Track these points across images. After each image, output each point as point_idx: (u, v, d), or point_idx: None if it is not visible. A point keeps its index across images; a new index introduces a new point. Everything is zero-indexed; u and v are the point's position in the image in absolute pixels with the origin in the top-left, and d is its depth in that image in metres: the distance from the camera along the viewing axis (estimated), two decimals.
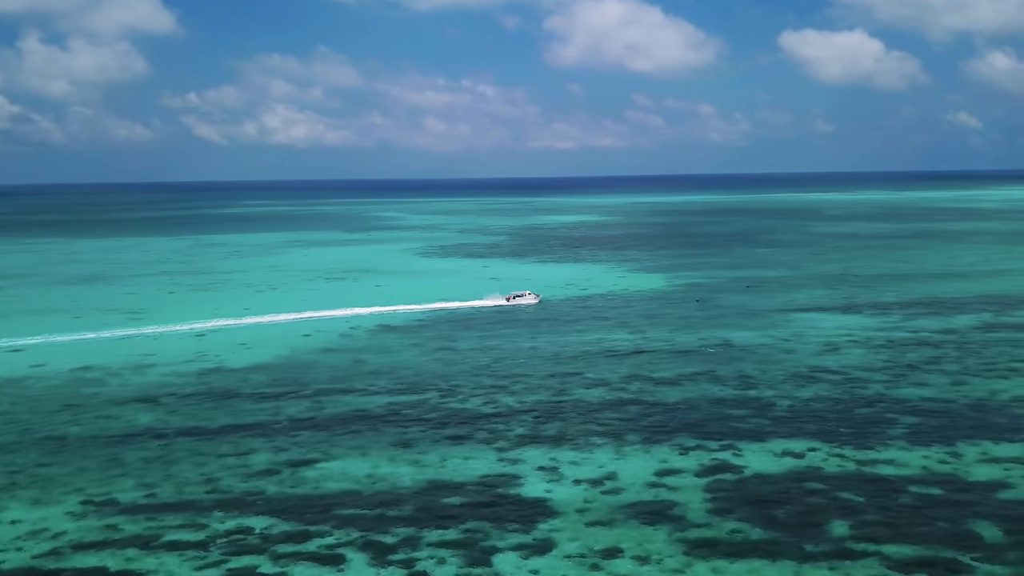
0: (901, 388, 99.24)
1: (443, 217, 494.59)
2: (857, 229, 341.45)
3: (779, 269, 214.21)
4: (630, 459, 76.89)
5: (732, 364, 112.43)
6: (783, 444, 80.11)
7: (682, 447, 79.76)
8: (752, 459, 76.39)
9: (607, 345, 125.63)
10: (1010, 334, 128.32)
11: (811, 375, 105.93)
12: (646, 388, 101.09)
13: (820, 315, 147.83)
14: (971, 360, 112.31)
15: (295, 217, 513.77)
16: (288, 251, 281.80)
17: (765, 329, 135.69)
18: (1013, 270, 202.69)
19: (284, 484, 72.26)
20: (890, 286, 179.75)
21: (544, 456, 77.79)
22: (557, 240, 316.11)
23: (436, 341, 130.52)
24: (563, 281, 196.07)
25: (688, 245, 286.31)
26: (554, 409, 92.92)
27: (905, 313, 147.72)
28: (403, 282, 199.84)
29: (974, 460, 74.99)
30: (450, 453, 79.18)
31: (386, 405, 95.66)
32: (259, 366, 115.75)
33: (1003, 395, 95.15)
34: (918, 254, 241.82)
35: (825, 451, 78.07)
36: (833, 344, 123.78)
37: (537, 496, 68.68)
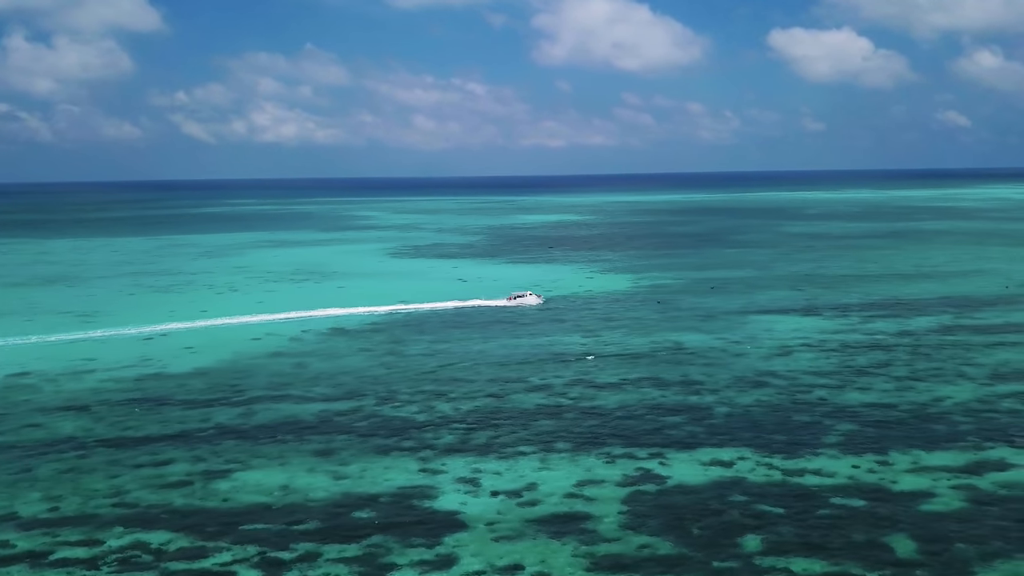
0: (845, 394, 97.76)
1: (424, 216, 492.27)
2: (833, 229, 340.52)
3: (747, 270, 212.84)
4: (554, 469, 75.14)
5: (679, 368, 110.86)
6: (713, 453, 78.49)
7: (609, 456, 78.07)
8: (678, 469, 74.77)
9: (558, 348, 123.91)
10: (965, 337, 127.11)
11: (757, 380, 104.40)
12: (587, 394, 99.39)
13: (778, 317, 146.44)
14: (921, 364, 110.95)
15: (274, 216, 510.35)
16: (258, 252, 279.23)
17: (720, 332, 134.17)
18: (980, 271, 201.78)
19: (194, 497, 70.31)
20: (854, 287, 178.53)
21: (467, 466, 76.01)
22: (533, 240, 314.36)
23: (386, 345, 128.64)
24: (530, 282, 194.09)
25: (661, 245, 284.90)
26: (489, 417, 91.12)
27: (864, 315, 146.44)
28: (365, 283, 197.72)
29: (903, 470, 73.46)
30: (372, 463, 77.32)
31: (319, 413, 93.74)
32: (200, 371, 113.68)
33: (946, 402, 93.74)
34: (889, 254, 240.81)
35: (754, 460, 76.46)
36: (786, 347, 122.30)
37: (450, 509, 66.90)
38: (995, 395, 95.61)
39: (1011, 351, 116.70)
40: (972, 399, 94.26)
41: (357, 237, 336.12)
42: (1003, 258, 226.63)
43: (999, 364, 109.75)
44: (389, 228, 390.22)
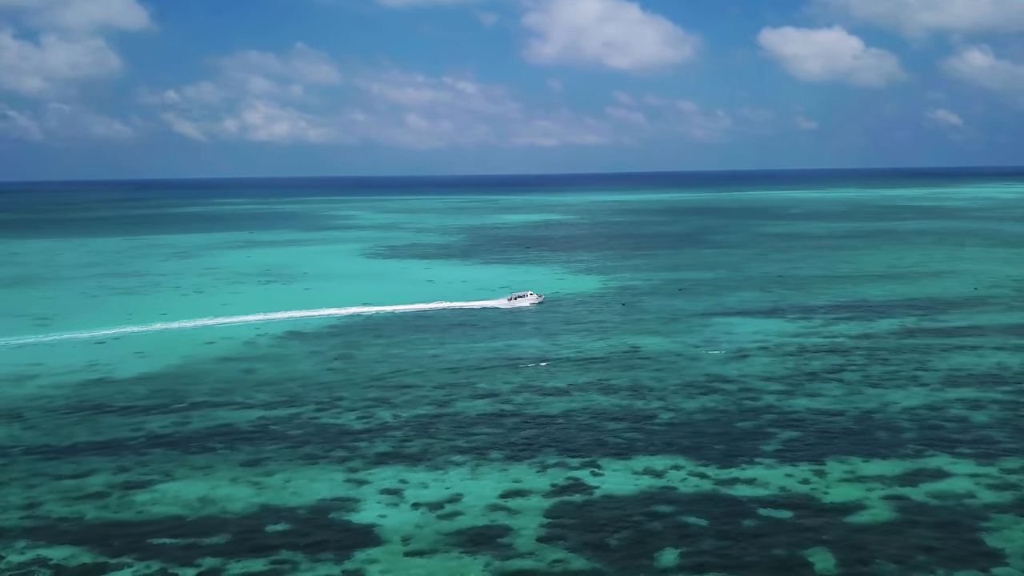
0: (793, 400, 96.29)
1: (407, 216, 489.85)
2: (813, 229, 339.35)
3: (719, 271, 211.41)
4: (483, 479, 73.48)
5: (630, 373, 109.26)
6: (648, 461, 76.90)
7: (542, 465, 76.40)
8: (609, 478, 73.19)
9: (513, 353, 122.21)
10: (925, 340, 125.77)
11: (707, 385, 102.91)
12: (532, 400, 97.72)
13: (741, 320, 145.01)
14: (876, 368, 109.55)
15: (256, 216, 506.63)
16: (231, 252, 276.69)
17: (679, 335, 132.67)
18: (952, 271, 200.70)
19: (108, 509, 68.45)
20: (823, 289, 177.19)
21: (394, 477, 74.26)
22: (512, 240, 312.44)
23: (339, 349, 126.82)
24: (498, 284, 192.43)
25: (639, 246, 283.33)
26: (427, 424, 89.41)
27: (828, 318, 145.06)
28: (332, 285, 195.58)
29: (838, 480, 71.95)
30: (298, 474, 75.55)
31: (256, 420, 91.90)
32: (144, 377, 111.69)
33: (893, 407, 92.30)
34: (864, 255, 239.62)
35: (689, 469, 74.93)
36: (743, 351, 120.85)
37: (367, 522, 65.20)
38: (945, 401, 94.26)
39: (969, 355, 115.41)
40: (921, 405, 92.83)
41: (334, 237, 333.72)
42: (978, 259, 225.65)
43: (954, 369, 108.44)
44: (369, 228, 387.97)
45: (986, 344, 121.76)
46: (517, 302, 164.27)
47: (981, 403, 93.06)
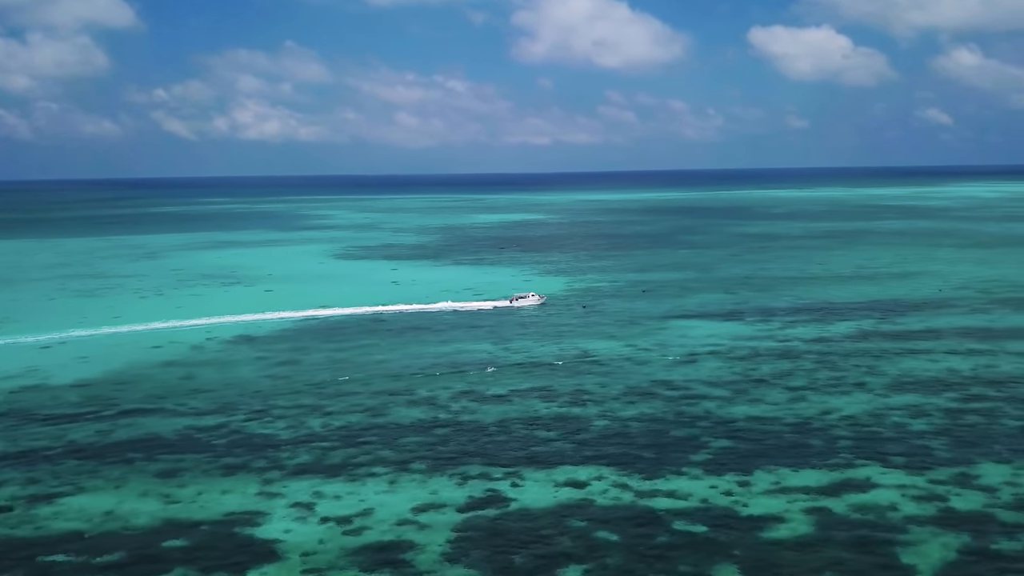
0: (733, 406, 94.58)
1: (388, 215, 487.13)
2: (791, 229, 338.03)
3: (688, 272, 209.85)
4: (400, 492, 71.58)
5: (575, 378, 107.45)
6: (572, 472, 75.06)
7: (463, 476, 74.56)
8: (529, 490, 71.34)
9: (461, 358, 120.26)
10: (879, 343, 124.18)
11: (650, 391, 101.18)
12: (469, 407, 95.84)
13: (698, 322, 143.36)
14: (823, 374, 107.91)
15: (236, 216, 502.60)
16: (201, 253, 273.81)
17: (633, 338, 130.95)
18: (922, 272, 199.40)
19: (6, 525, 66.24)
20: (788, 291, 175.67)
21: (309, 489, 72.32)
22: (489, 240, 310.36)
23: (286, 354, 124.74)
24: (463, 286, 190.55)
25: (613, 246, 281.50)
26: (357, 433, 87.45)
27: (786, 320, 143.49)
28: (296, 287, 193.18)
29: (761, 491, 70.23)
30: (211, 486, 73.58)
31: (182, 429, 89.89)
32: (80, 383, 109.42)
33: (834, 415, 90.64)
34: (836, 255, 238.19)
35: (612, 480, 73.15)
36: (693, 355, 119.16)
37: (270, 537, 63.28)
38: (887, 408, 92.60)
39: (920, 360, 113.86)
40: (862, 412, 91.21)
41: (308, 238, 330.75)
42: (949, 259, 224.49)
43: (903, 374, 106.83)
44: (345, 228, 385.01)
45: (939, 348, 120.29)
46: (518, 303, 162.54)
47: (923, 410, 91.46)
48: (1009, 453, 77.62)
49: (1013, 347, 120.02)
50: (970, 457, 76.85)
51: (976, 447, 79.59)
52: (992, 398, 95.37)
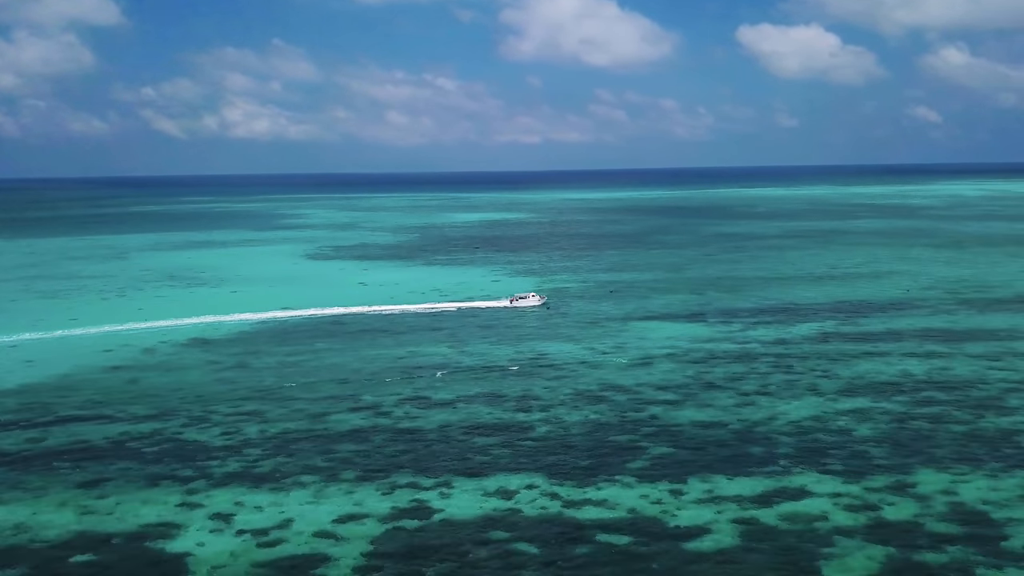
0: (680, 410, 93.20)
1: (369, 214, 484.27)
2: (770, 228, 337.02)
3: (659, 272, 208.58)
4: (324, 502, 69.90)
5: (526, 382, 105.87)
6: (503, 481, 73.50)
7: (393, 486, 72.88)
8: (457, 500, 69.78)
9: (415, 362, 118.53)
10: (838, 345, 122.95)
11: (598, 395, 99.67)
12: (412, 413, 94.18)
13: (659, 324, 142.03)
14: (776, 377, 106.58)
15: (214, 215, 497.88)
16: (173, 253, 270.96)
17: (591, 340, 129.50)
18: (892, 272, 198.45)
19: None
20: (756, 291, 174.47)
21: (232, 499, 70.57)
22: (465, 240, 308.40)
23: (237, 357, 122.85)
24: (430, 287, 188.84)
25: (589, 246, 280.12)
26: (293, 440, 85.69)
27: (748, 322, 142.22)
28: (262, 288, 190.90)
29: (693, 500, 68.83)
30: (133, 496, 71.71)
31: (116, 436, 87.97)
32: (22, 388, 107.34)
33: (779, 420, 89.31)
34: (810, 255, 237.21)
35: (543, 488, 71.57)
36: (649, 357, 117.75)
37: (181, 551, 61.49)
38: (834, 413, 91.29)
39: (874, 362, 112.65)
40: (808, 417, 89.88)
41: (283, 237, 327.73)
42: (922, 259, 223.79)
43: (856, 377, 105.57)
44: (322, 227, 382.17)
45: (897, 351, 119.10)
46: (519, 303, 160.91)
47: (870, 415, 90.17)
48: (950, 460, 76.39)
49: (971, 349, 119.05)
50: (909, 464, 75.58)
51: (917, 454, 78.32)
52: (941, 402, 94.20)
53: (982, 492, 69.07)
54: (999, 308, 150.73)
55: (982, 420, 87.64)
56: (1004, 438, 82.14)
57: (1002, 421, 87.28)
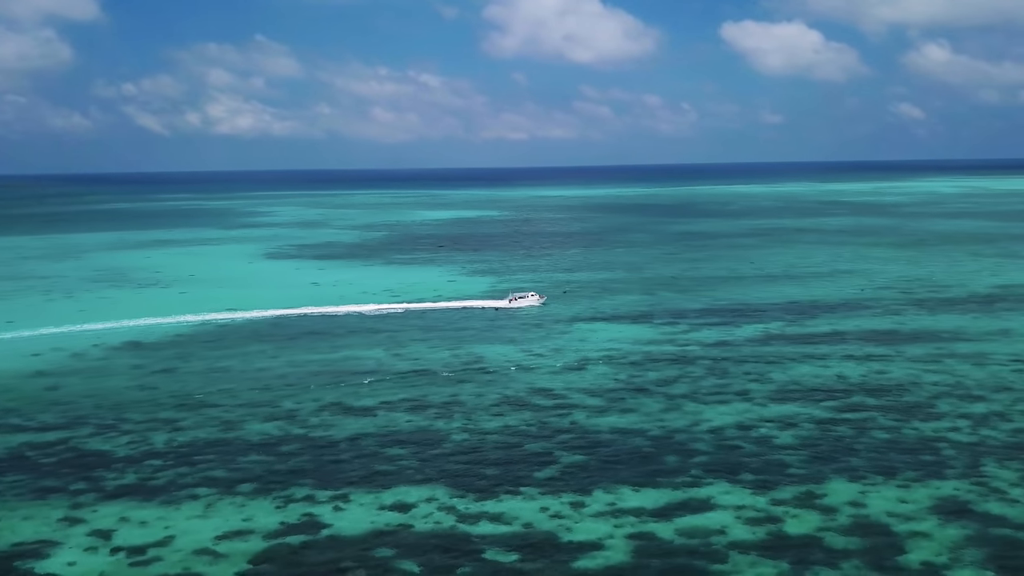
0: (603, 417, 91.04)
1: (339, 211, 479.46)
2: (738, 226, 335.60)
3: (617, 271, 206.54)
4: (212, 517, 67.36)
5: (454, 387, 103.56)
6: (403, 494, 71.10)
7: (287, 499, 70.39)
8: (350, 514, 67.38)
9: (346, 366, 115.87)
10: (779, 347, 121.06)
11: (524, 400, 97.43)
12: (328, 421, 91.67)
13: (605, 325, 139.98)
14: (709, 381, 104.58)
15: (184, 212, 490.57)
16: (131, 252, 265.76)
17: (531, 343, 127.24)
18: (850, 271, 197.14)
19: None
20: (710, 291, 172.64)
21: (117, 515, 67.80)
22: (430, 238, 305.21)
23: (167, 361, 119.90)
24: (382, 288, 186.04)
25: (552, 244, 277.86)
26: (198, 451, 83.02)
27: (694, 323, 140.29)
28: (212, 288, 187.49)
29: (593, 513, 66.50)
30: (16, 511, 68.90)
31: (17, 446, 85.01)
32: None
33: (700, 427, 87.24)
34: (772, 254, 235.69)
35: (441, 502, 69.20)
36: (585, 360, 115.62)
37: (51, 571, 58.81)
38: (759, 419, 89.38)
39: (812, 365, 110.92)
40: (731, 424, 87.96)
41: (246, 236, 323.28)
42: (883, 258, 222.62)
43: (790, 381, 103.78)
44: (288, 225, 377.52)
45: (837, 353, 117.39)
46: (517, 303, 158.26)
47: (795, 421, 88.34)
48: (865, 470, 74.53)
49: (911, 351, 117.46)
50: (823, 474, 73.68)
51: (833, 463, 76.45)
52: (869, 408, 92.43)
53: (890, 504, 67.31)
54: (949, 308, 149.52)
55: (906, 427, 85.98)
56: (924, 446, 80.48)
57: (926, 427, 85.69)
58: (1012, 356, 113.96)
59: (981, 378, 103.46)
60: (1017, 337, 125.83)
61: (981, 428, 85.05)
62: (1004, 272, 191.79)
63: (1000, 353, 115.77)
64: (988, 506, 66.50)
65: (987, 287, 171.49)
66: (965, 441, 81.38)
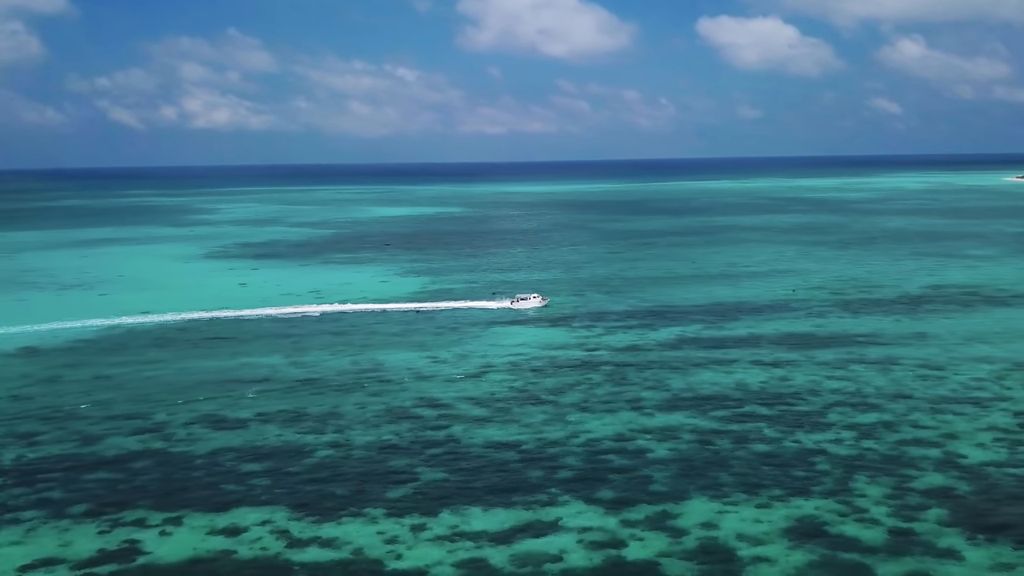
0: (483, 429, 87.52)
1: (298, 208, 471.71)
2: (691, 224, 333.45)
3: (553, 271, 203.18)
4: (29, 543, 63.10)
5: (339, 398, 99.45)
6: (240, 516, 67.10)
7: (114, 523, 66.14)
8: (174, 540, 63.47)
9: (238, 374, 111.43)
10: (689, 352, 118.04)
11: (407, 412, 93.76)
12: (194, 435, 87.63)
13: (520, 329, 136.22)
14: (603, 389, 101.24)
15: (135, 209, 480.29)
16: (63, 252, 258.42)
17: (439, 348, 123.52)
18: (789, 271, 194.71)
19: None
20: (637, 292, 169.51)
21: None
22: (380, 237, 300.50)
23: (55, 370, 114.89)
24: (308, 288, 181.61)
25: (498, 243, 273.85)
26: (45, 469, 78.65)
27: (612, 326, 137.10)
28: (132, 290, 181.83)
29: (430, 537, 63.04)
30: None
31: None
32: None
33: (579, 439, 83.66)
34: (714, 252, 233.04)
35: (276, 525, 65.45)
36: (487, 367, 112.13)
37: None
38: (641, 430, 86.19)
39: (715, 371, 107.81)
40: (611, 435, 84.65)
41: (190, 234, 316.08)
42: (826, 256, 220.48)
43: (687, 388, 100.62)
44: (238, 223, 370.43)
45: (745, 358, 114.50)
46: (519, 304, 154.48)
47: (678, 433, 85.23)
48: (731, 486, 71.39)
49: (821, 356, 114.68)
50: (686, 492, 70.51)
51: (701, 479, 73.36)
52: (758, 418, 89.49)
53: (744, 525, 64.24)
54: (873, 310, 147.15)
55: (788, 439, 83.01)
56: (800, 460, 77.50)
57: (808, 440, 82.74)
58: (920, 361, 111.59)
59: (882, 385, 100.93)
60: (932, 340, 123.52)
61: (865, 440, 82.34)
62: (941, 272, 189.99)
63: (909, 358, 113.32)
64: (844, 527, 63.68)
65: (919, 288, 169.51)
66: (844, 454, 78.61)
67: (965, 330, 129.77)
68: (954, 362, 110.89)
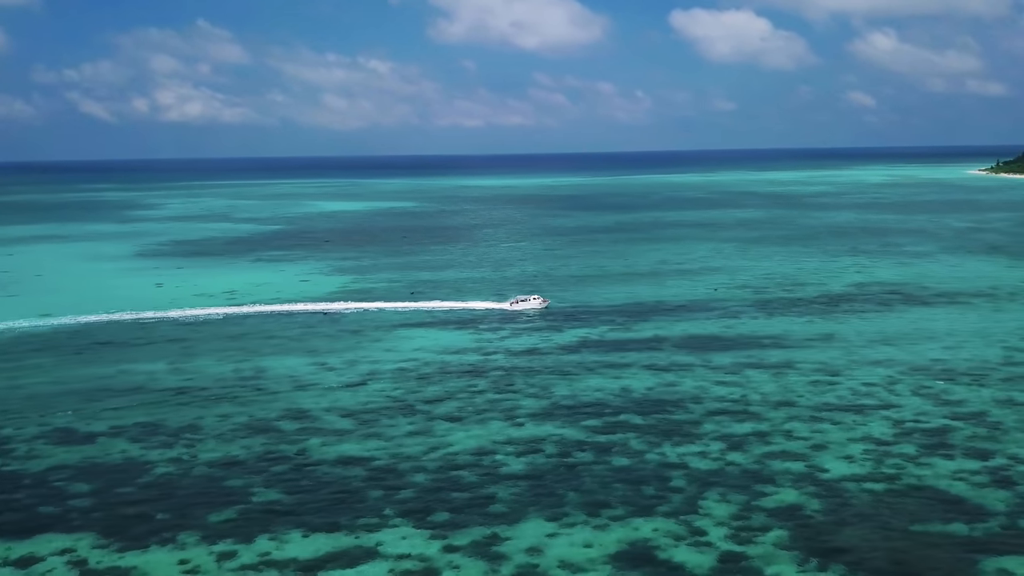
0: (340, 444, 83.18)
1: (250, 203, 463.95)
2: (640, 219, 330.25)
3: (483, 269, 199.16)
4: None
5: (205, 408, 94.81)
6: (41, 544, 62.58)
7: None
8: None
9: (111, 383, 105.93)
10: (586, 355, 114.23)
11: (268, 426, 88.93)
12: (35, 452, 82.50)
13: (425, 331, 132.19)
14: (485, 397, 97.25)
15: (78, 205, 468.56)
16: None
17: (333, 353, 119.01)
18: (720, 268, 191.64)
19: None
20: (559, 291, 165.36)
21: None
22: (322, 233, 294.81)
23: None
24: (224, 289, 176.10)
25: (440, 239, 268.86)
26: None
27: (518, 328, 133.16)
28: (39, 292, 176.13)
29: (236, 567, 58.96)
30: None
31: None
32: None
33: (435, 454, 79.59)
34: (651, 249, 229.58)
35: (77, 554, 61.03)
36: (373, 374, 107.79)
37: None
38: (505, 442, 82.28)
39: (604, 377, 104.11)
40: (471, 449, 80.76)
41: (124, 231, 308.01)
42: (762, 253, 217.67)
43: (569, 396, 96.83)
44: (176, 219, 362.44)
45: (640, 362, 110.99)
46: (519, 306, 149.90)
47: (540, 446, 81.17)
48: (573, 506, 67.41)
49: (718, 360, 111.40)
50: (523, 513, 66.43)
51: (546, 497, 69.43)
52: (629, 428, 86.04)
53: (571, 551, 60.46)
54: (789, 310, 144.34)
55: (653, 452, 79.55)
56: (656, 475, 74.01)
57: (673, 452, 79.28)
58: (818, 365, 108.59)
59: (769, 391, 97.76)
60: (836, 342, 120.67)
61: (731, 452, 79.05)
62: (870, 270, 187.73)
63: (808, 362, 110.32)
64: (675, 551, 60.23)
65: (843, 286, 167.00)
66: (704, 469, 75.26)
67: (874, 331, 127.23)
68: (851, 366, 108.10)
